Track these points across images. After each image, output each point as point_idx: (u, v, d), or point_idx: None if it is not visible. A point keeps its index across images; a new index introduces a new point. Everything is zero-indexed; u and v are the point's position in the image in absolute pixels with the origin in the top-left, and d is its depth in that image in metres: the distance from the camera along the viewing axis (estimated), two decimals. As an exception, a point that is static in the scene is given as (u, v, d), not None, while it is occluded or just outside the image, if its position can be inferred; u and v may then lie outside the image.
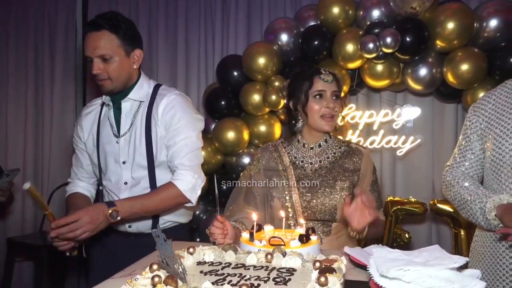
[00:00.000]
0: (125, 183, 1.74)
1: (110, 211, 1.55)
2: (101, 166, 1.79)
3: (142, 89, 1.75)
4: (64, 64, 3.57)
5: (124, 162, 1.74)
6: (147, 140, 1.70)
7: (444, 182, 1.67)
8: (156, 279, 0.90)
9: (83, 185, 1.88)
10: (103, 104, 1.80)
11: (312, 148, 1.71)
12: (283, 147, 1.75)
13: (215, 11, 3.27)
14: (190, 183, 1.68)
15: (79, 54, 3.63)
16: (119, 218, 1.57)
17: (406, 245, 2.55)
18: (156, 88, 1.78)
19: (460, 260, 1.04)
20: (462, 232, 2.46)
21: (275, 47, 2.77)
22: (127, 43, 1.65)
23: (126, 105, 1.74)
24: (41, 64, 3.57)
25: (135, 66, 1.70)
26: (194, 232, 2.90)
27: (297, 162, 1.70)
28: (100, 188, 1.84)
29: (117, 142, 1.74)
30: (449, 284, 0.98)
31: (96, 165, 1.81)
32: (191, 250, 1.18)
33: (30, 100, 3.58)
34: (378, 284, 1.04)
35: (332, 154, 1.70)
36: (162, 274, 0.95)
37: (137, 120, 1.73)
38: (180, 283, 0.92)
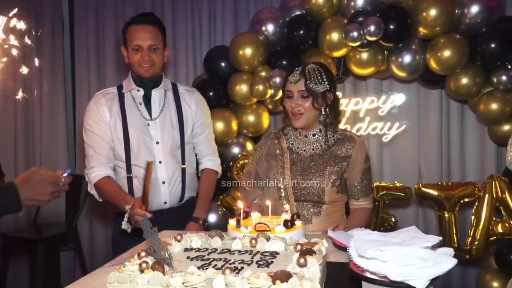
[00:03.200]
0: (160, 161, 1.96)
1: (200, 223, 1.98)
2: (130, 148, 1.94)
3: (167, 81, 2.08)
4: (52, 58, 3.58)
5: (157, 143, 1.97)
6: (180, 123, 2.02)
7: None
8: (144, 265, 0.95)
9: (109, 169, 1.97)
10: (120, 92, 2.00)
11: (306, 136, 1.82)
12: (282, 135, 1.89)
13: (202, 2, 3.27)
14: (219, 163, 2.18)
15: (67, 48, 3.64)
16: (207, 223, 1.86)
17: (392, 229, 2.61)
18: (174, 84, 2.12)
19: (434, 239, 1.10)
20: (447, 215, 2.53)
21: (261, 37, 2.79)
22: (164, 40, 2.00)
23: (156, 93, 2.01)
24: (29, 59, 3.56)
25: (165, 60, 2.03)
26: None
27: (293, 148, 1.84)
28: (131, 175, 1.95)
29: (148, 125, 1.96)
30: (422, 262, 1.04)
31: (122, 147, 1.94)
32: (178, 237, 1.22)
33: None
34: (357, 265, 1.10)
35: (325, 142, 1.81)
36: (150, 260, 1.00)
37: (168, 106, 2.02)
38: (166, 268, 0.97)
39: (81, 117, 3.56)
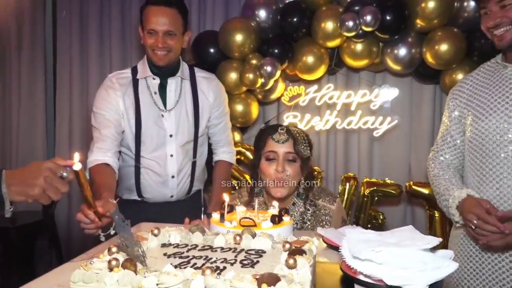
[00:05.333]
0: (171, 155, 1.86)
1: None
2: (142, 140, 1.82)
3: (184, 68, 1.92)
4: (31, 46, 3.46)
5: (171, 135, 1.85)
6: (195, 115, 1.89)
7: (427, 167, 1.66)
8: (114, 263, 0.84)
9: (111, 156, 1.76)
10: (134, 78, 1.84)
11: None
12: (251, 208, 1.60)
13: (192, -15, 3.14)
14: (234, 153, 2.09)
15: (49, 37, 3.51)
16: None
17: (380, 226, 2.55)
18: (192, 69, 1.96)
19: (433, 240, 1.02)
20: (437, 214, 2.47)
21: (253, 24, 2.67)
22: (185, 24, 1.83)
23: (173, 81, 1.87)
24: (8, 45, 3.43)
25: (184, 45, 1.87)
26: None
27: None
28: (140, 165, 1.84)
29: (162, 116, 1.83)
30: (422, 265, 0.96)
31: (133, 138, 1.82)
32: (155, 231, 1.11)
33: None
34: (350, 266, 1.01)
35: (300, 219, 1.61)
36: (121, 257, 0.89)
37: (185, 96, 1.88)
38: (139, 266, 0.86)
39: (61, 110, 3.43)
